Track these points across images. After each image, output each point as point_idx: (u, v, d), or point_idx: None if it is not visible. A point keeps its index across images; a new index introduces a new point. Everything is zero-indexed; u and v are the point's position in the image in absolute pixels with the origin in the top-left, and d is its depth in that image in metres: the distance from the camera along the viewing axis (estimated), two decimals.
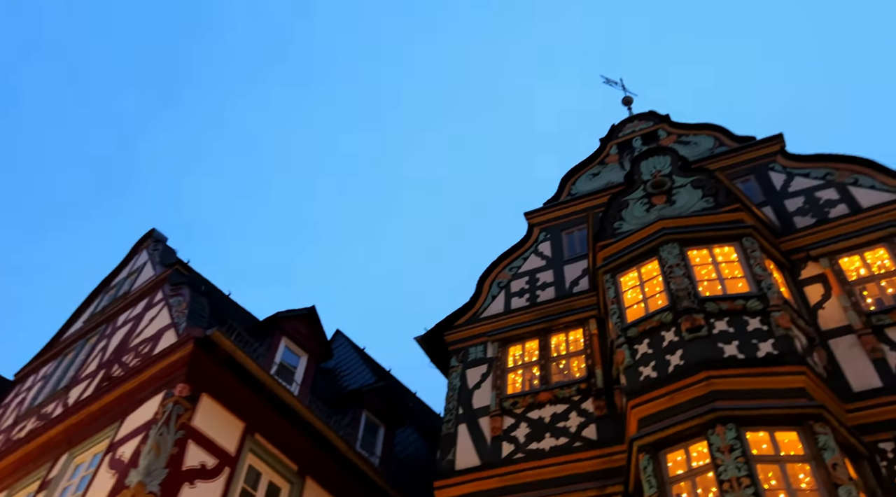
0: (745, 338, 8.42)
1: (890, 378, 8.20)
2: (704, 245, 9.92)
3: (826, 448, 7.11)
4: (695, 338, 8.58)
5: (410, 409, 15.41)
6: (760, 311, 8.66)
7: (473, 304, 12.83)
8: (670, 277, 9.42)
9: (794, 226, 10.66)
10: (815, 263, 9.95)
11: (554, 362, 11.05)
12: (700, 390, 8.06)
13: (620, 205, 11.67)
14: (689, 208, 10.69)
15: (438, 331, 12.60)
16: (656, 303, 9.53)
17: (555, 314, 11.59)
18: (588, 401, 9.99)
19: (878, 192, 10.28)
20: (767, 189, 11.60)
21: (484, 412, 10.72)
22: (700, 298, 8.98)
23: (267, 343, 10.97)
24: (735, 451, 7.24)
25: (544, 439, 9.83)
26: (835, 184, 10.90)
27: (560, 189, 14.72)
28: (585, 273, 12.13)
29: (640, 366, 8.90)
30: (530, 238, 13.69)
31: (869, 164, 10.67)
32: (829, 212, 10.53)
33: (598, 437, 9.44)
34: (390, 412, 12.79)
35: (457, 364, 11.89)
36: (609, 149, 15.01)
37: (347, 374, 14.91)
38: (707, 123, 13.86)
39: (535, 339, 11.49)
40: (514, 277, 13.03)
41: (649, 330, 9.16)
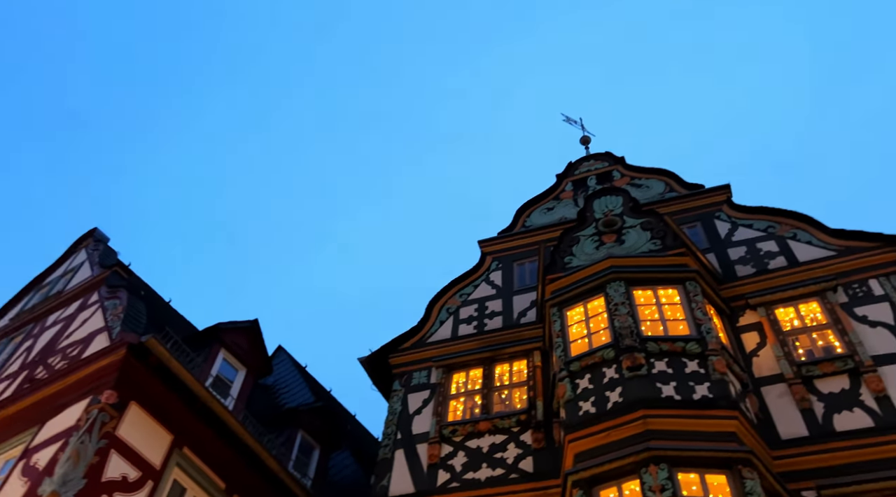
0: (683, 379, 8.60)
1: (816, 428, 8.49)
2: (650, 286, 10.15)
3: (752, 493, 7.26)
4: (634, 376, 8.72)
5: (348, 431, 15.12)
6: (699, 355, 8.87)
7: (421, 328, 12.77)
8: (615, 315, 9.59)
9: (735, 274, 11.03)
10: (753, 312, 10.29)
11: (496, 392, 11.06)
12: (636, 428, 8.16)
13: (572, 240, 11.88)
14: (637, 249, 10.95)
15: (383, 353, 12.48)
16: (600, 339, 9.66)
17: (501, 344, 11.63)
18: (527, 433, 10.00)
19: (815, 248, 10.75)
20: (712, 236, 12.00)
21: (423, 438, 10.62)
22: (642, 338, 9.15)
23: (205, 354, 10.63)
24: (666, 491, 7.33)
25: (481, 469, 9.78)
26: (775, 236, 11.35)
27: (515, 220, 14.91)
28: (534, 305, 12.25)
29: (580, 400, 8.98)
30: (482, 266, 13.77)
31: (808, 220, 11.17)
32: (768, 263, 10.95)
33: (535, 469, 9.45)
34: (327, 434, 12.52)
35: (399, 388, 11.78)
36: (564, 185, 15.31)
37: (286, 391, 14.57)
38: (659, 168, 14.31)
39: (480, 367, 11.50)
40: (464, 304, 13.06)
41: (591, 365, 9.26)
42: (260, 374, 12.05)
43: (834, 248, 10.55)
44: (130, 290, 11.27)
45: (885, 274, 9.84)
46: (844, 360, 8.93)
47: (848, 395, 8.64)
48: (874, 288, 9.76)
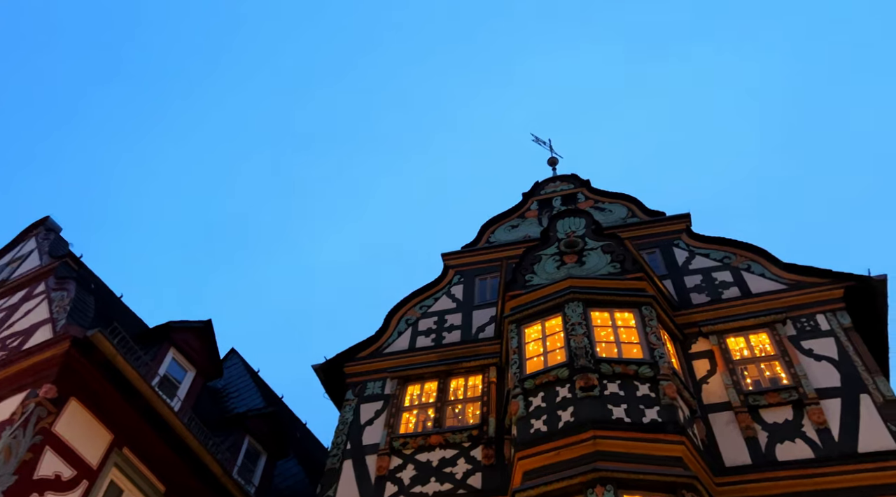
0: (634, 402, 8.70)
1: (759, 457, 8.66)
2: (607, 308, 10.27)
3: None
4: (587, 396, 8.78)
5: (297, 439, 14.86)
6: (650, 379, 8.99)
7: (378, 338, 12.67)
8: (571, 335, 9.66)
9: (690, 301, 11.24)
10: (706, 339, 10.50)
11: (450, 406, 11.02)
12: (586, 449, 8.21)
13: (534, 259, 11.97)
14: (597, 271, 11.08)
15: (338, 362, 12.33)
16: (555, 358, 9.72)
17: (458, 358, 11.61)
18: (478, 448, 9.97)
19: (768, 281, 11.04)
20: (670, 263, 12.23)
21: (373, 450, 10.49)
22: (597, 359, 9.24)
23: (154, 352, 10.33)
24: None
25: (429, 483, 9.70)
26: (730, 267, 11.63)
27: (479, 235, 14.97)
28: (493, 320, 12.27)
29: (532, 418, 8.99)
30: (444, 279, 13.76)
31: (763, 253, 11.47)
32: (722, 293, 11.20)
33: (483, 486, 9.41)
34: (275, 440, 12.27)
35: (352, 397, 11.64)
36: (530, 204, 15.46)
37: (236, 395, 14.25)
38: (623, 194, 14.56)
39: (436, 380, 11.45)
40: (424, 316, 13.01)
41: (545, 383, 9.30)
42: (210, 377, 11.76)
43: (785, 282, 10.85)
44: (80, 283, 10.91)
45: (832, 310, 10.15)
46: (789, 392, 9.15)
47: (791, 426, 8.85)
48: (821, 323, 10.05)
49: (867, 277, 10.12)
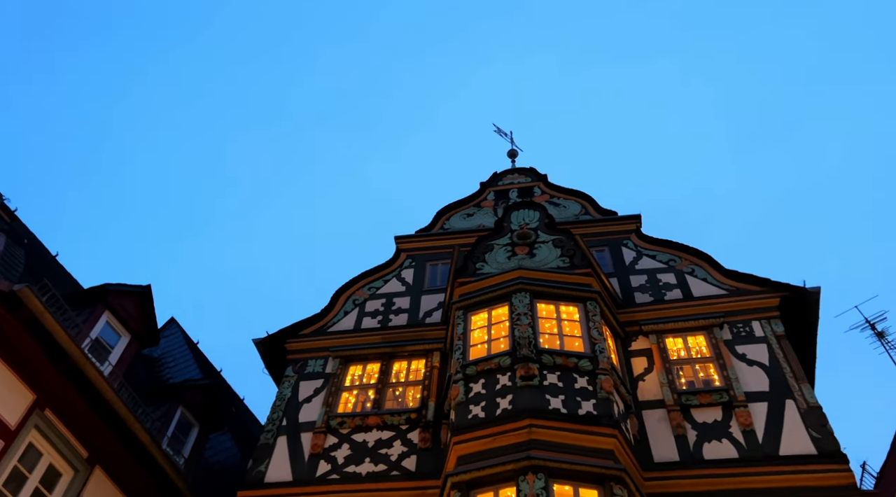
0: (571, 394, 8.82)
1: (686, 454, 8.90)
2: (553, 300, 10.37)
3: None
4: (526, 386, 8.86)
5: (233, 413, 14.58)
6: (589, 372, 9.13)
7: (323, 317, 12.52)
8: (516, 325, 9.73)
9: (634, 300, 11.46)
10: (646, 338, 10.72)
11: (391, 388, 10.98)
12: (521, 437, 8.28)
13: (486, 248, 12.00)
14: (547, 264, 11.18)
15: (280, 337, 12.15)
16: (499, 346, 9.78)
17: (403, 341, 11.57)
18: (415, 432, 9.97)
19: (709, 286, 11.34)
20: (618, 262, 12.44)
21: (308, 427, 10.38)
22: (539, 349, 9.32)
23: (87, 314, 9.93)
24: None
25: (363, 464, 9.66)
26: (675, 270, 11.90)
27: (434, 221, 14.92)
28: (441, 306, 12.27)
29: (471, 404, 9.03)
30: (395, 262, 13.67)
31: (707, 258, 11.77)
32: (665, 294, 11.45)
33: (417, 469, 9.42)
34: (209, 413, 11.99)
35: (292, 374, 11.48)
36: (487, 194, 15.48)
37: (173, 366, 13.88)
38: (578, 191, 14.72)
39: (378, 362, 11.39)
40: (371, 297, 12.91)
41: (487, 371, 9.35)
42: (145, 344, 11.40)
43: (726, 288, 11.16)
44: (11, 236, 10.39)
45: (767, 317, 10.49)
46: (721, 393, 9.43)
47: (719, 427, 9.12)
48: (756, 329, 10.38)
49: (802, 288, 10.49)
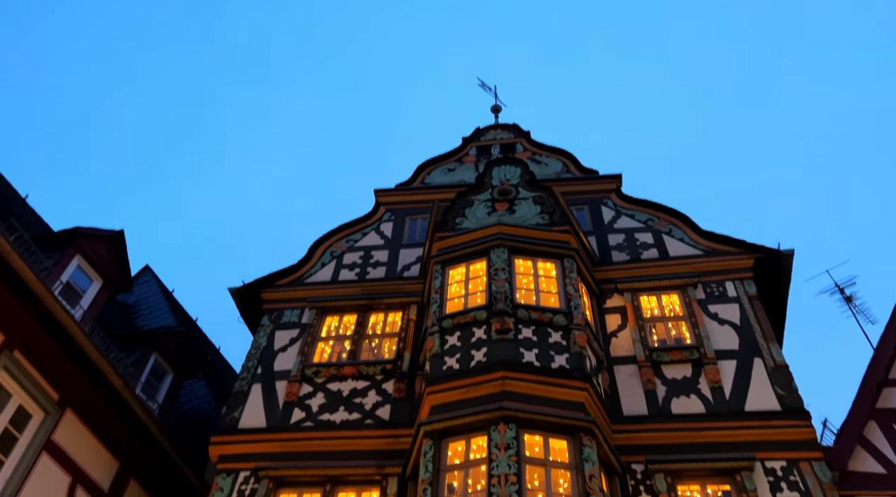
0: (545, 348, 8.93)
1: (655, 408, 9.10)
2: (531, 257, 10.41)
3: (588, 460, 7.69)
4: (501, 339, 8.94)
5: (208, 362, 14.59)
6: (564, 327, 9.23)
7: (301, 267, 12.45)
8: (494, 280, 9.76)
9: (610, 259, 11.54)
10: (620, 296, 10.83)
11: (367, 340, 11.03)
12: (494, 388, 8.39)
13: (466, 203, 11.95)
14: (526, 221, 11.18)
15: (257, 287, 12.08)
16: (476, 300, 9.83)
17: (380, 293, 11.57)
18: (390, 382, 10.06)
19: (686, 246, 11.44)
20: (597, 221, 12.47)
21: (283, 376, 10.42)
22: (515, 304, 9.38)
23: (57, 257, 9.74)
24: (510, 449, 7.61)
25: (337, 412, 9.75)
26: (653, 230, 11.97)
27: (415, 176, 14.78)
28: (419, 260, 12.25)
29: (446, 356, 9.11)
30: (374, 215, 13.58)
31: (684, 219, 11.84)
32: (642, 253, 11.54)
33: (391, 418, 9.54)
34: (183, 359, 11.97)
35: (268, 323, 11.47)
36: (469, 149, 15.34)
37: (147, 313, 13.77)
38: (560, 149, 14.64)
39: (355, 313, 11.40)
40: (349, 250, 12.85)
41: (463, 324, 9.41)
42: (118, 289, 11.26)
43: (702, 248, 11.27)
44: None
45: (741, 278, 10.64)
46: (691, 351, 9.61)
47: (688, 383, 9.32)
48: (729, 289, 10.54)
49: (776, 251, 10.63)
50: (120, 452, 9.61)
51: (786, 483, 7.99)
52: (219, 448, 9.41)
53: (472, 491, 7.59)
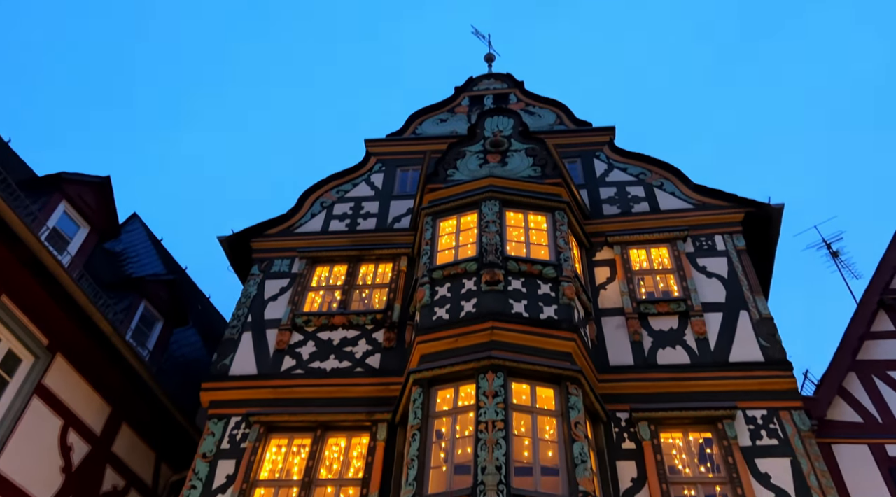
0: (534, 299, 8.99)
1: (641, 359, 9.24)
2: (522, 209, 10.39)
3: (574, 408, 7.85)
4: (491, 290, 8.99)
5: (198, 310, 14.62)
6: (553, 279, 9.28)
7: (290, 217, 12.38)
8: (485, 232, 9.76)
9: (601, 212, 11.53)
10: (610, 249, 10.87)
11: (358, 290, 11.05)
12: (483, 338, 8.48)
13: (458, 154, 11.83)
14: (518, 173, 11.10)
15: (246, 236, 12.02)
16: (466, 252, 9.83)
17: (371, 245, 11.55)
18: (380, 331, 10.13)
19: (677, 199, 11.43)
20: (589, 174, 12.41)
21: (274, 325, 10.47)
22: (505, 256, 9.41)
23: (42, 202, 9.59)
24: (498, 397, 7.74)
25: (328, 360, 9.83)
26: (644, 183, 11.93)
27: (406, 126, 14.59)
28: (409, 212, 12.20)
29: (436, 306, 9.16)
30: (365, 166, 13.44)
31: (676, 172, 11.80)
32: (633, 207, 11.53)
33: (381, 366, 9.64)
34: (173, 307, 11.98)
35: (258, 273, 11.45)
36: (461, 99, 15.10)
37: (136, 261, 13.69)
38: (554, 100, 14.44)
39: (346, 264, 11.39)
40: (340, 200, 12.76)
41: (453, 275, 9.44)
42: (106, 236, 11.15)
43: (693, 202, 11.28)
44: None
45: (730, 232, 10.69)
46: (678, 303, 9.71)
47: (674, 334, 9.45)
48: (718, 243, 10.59)
49: (766, 205, 10.65)
50: (111, 397, 9.70)
51: (765, 431, 8.21)
52: (210, 394, 9.51)
53: (460, 436, 7.74)
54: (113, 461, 9.68)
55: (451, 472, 7.43)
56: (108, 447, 9.60)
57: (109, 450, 9.63)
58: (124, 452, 9.94)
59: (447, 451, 7.69)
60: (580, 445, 7.46)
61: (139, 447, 10.28)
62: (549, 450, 7.61)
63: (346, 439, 8.95)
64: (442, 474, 7.46)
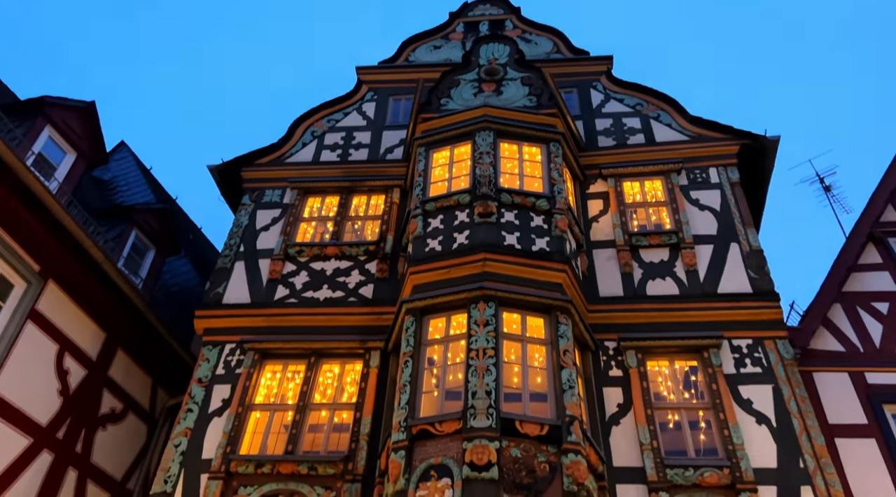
0: (527, 231, 9.00)
1: (630, 290, 9.35)
2: (517, 140, 10.25)
3: (563, 336, 7.98)
4: (484, 222, 8.98)
5: (190, 240, 14.58)
6: (546, 212, 9.26)
7: (281, 147, 12.19)
8: (478, 163, 9.65)
9: (597, 144, 11.40)
10: (604, 181, 10.81)
11: (350, 221, 11.02)
12: (475, 269, 8.53)
13: (451, 82, 11.57)
14: (513, 103, 10.90)
15: (236, 165, 11.85)
16: (459, 184, 9.76)
17: (363, 176, 11.44)
18: (373, 263, 10.16)
19: (673, 131, 11.29)
20: (585, 105, 12.20)
21: (266, 254, 10.47)
22: (498, 188, 9.34)
23: (27, 127, 9.35)
24: (489, 325, 7.85)
25: (321, 290, 9.90)
26: (641, 114, 11.76)
27: (398, 53, 14.18)
28: (402, 143, 12.03)
29: (428, 238, 9.16)
30: (356, 94, 13.15)
31: (674, 104, 11.61)
32: (628, 138, 11.40)
33: (374, 296, 9.72)
34: (164, 236, 11.92)
35: (249, 203, 11.36)
36: (456, 25, 14.64)
37: (125, 190, 13.53)
38: (551, 27, 14.03)
39: (338, 195, 11.31)
40: (331, 130, 12.54)
41: (446, 207, 9.40)
42: (93, 164, 10.95)
43: (689, 134, 11.15)
44: None
45: (724, 165, 10.63)
46: (670, 236, 9.75)
47: (665, 266, 9.53)
48: (712, 176, 10.55)
49: (763, 137, 10.55)
50: (106, 324, 9.78)
51: (750, 359, 8.42)
52: (203, 321, 9.60)
53: (452, 363, 7.90)
54: (110, 385, 9.86)
55: (443, 397, 7.62)
56: (104, 372, 9.75)
57: (106, 374, 9.79)
58: (121, 377, 10.11)
59: (438, 378, 7.86)
60: (568, 372, 7.63)
61: (135, 372, 10.46)
62: (538, 376, 7.79)
63: (339, 366, 9.12)
64: (433, 399, 7.65)
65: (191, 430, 8.50)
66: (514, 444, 6.90)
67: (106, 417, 9.70)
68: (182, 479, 8.05)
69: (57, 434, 8.72)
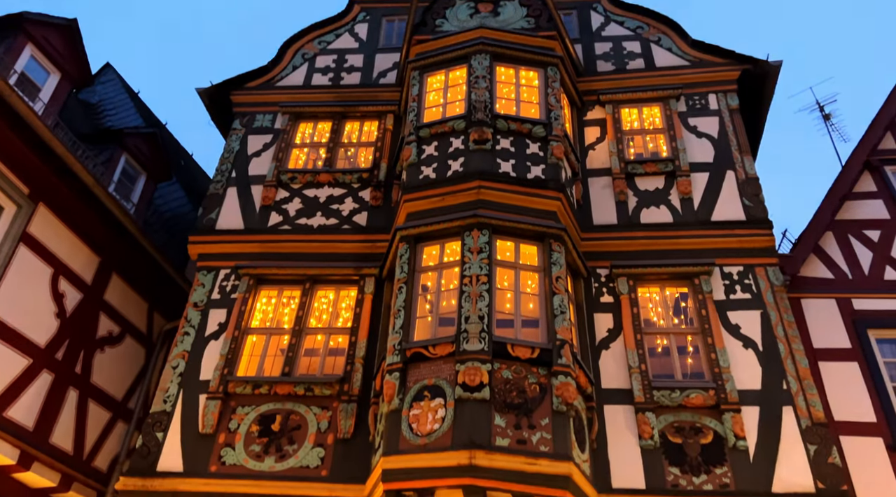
0: (522, 159, 8.89)
1: (625, 218, 9.34)
2: (513, 64, 9.98)
3: (556, 263, 8.03)
4: (479, 149, 8.85)
5: (182, 166, 14.39)
6: (542, 138, 9.12)
7: (271, 69, 11.86)
8: (474, 88, 9.43)
9: (595, 69, 11.12)
10: (602, 108, 10.62)
11: (343, 148, 10.87)
12: (470, 196, 8.47)
13: (447, 2, 11.15)
14: (511, 24, 10.54)
15: (226, 88, 11.55)
16: (454, 110, 9.57)
17: (355, 101, 11.19)
18: (367, 190, 10.08)
19: (673, 56, 11.01)
20: (584, 28, 11.82)
21: (259, 181, 10.36)
22: (494, 114, 9.16)
23: (7, 45, 9.02)
24: (482, 253, 7.88)
25: (315, 217, 9.86)
26: (641, 38, 11.42)
27: None
28: (396, 67, 11.71)
29: (423, 165, 9.05)
30: (348, 15, 12.69)
31: (675, 27, 11.26)
32: (628, 63, 11.12)
33: (368, 224, 9.70)
34: (155, 161, 11.75)
35: (239, 127, 11.16)
36: None
37: (113, 113, 13.22)
38: None
39: (330, 121, 11.10)
40: (322, 52, 12.17)
41: (440, 134, 9.24)
42: (79, 85, 10.64)
43: (689, 59, 10.88)
44: None
45: (724, 91, 10.42)
46: (666, 163, 9.66)
47: (660, 194, 9.49)
48: (711, 102, 10.36)
49: (764, 62, 10.30)
50: (99, 248, 9.77)
51: (740, 286, 8.52)
52: (197, 247, 9.60)
53: (445, 290, 7.97)
54: (106, 309, 9.95)
55: (436, 322, 7.73)
56: (100, 295, 9.82)
57: (102, 298, 9.87)
58: (117, 301, 10.20)
59: (432, 303, 7.95)
60: (560, 298, 7.73)
61: (131, 296, 10.54)
62: (531, 302, 7.89)
63: (334, 292, 9.20)
64: (427, 324, 7.76)
65: (188, 352, 8.64)
66: (506, 367, 7.06)
67: (104, 340, 9.84)
68: (181, 398, 8.25)
69: (56, 355, 8.86)
